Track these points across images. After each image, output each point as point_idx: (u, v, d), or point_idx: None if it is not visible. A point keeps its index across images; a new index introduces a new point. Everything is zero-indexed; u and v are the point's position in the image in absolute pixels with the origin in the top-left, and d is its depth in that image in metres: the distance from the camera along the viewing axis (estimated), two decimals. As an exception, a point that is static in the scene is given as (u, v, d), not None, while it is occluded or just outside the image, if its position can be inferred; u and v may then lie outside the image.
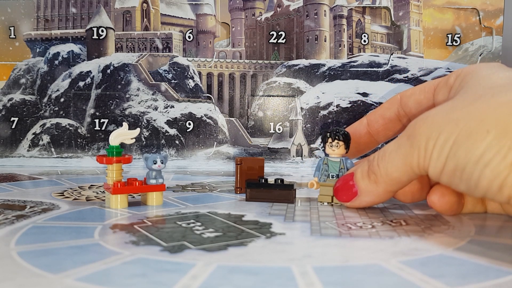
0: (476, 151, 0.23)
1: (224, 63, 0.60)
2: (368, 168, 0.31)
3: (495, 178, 0.23)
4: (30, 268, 0.21)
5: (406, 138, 0.27)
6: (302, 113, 0.59)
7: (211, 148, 0.59)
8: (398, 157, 0.28)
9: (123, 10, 0.60)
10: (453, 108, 0.26)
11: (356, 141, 0.37)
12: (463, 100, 0.26)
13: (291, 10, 0.60)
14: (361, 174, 0.31)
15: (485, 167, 0.23)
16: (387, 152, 0.29)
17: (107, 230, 0.28)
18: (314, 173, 0.36)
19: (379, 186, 0.30)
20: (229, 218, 0.31)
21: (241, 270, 0.21)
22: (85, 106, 0.60)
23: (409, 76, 0.58)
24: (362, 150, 0.38)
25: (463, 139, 0.24)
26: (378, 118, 0.37)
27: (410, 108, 0.35)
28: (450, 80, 0.31)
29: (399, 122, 0.36)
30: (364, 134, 0.37)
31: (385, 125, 0.37)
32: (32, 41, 0.60)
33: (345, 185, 0.32)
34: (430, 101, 0.33)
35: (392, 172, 0.29)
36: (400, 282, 0.20)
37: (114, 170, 0.34)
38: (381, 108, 0.37)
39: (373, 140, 0.38)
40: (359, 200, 0.32)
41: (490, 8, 0.57)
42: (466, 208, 0.32)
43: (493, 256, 0.23)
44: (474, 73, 0.29)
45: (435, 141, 0.25)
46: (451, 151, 0.24)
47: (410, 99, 0.35)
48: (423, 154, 0.26)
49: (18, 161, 0.59)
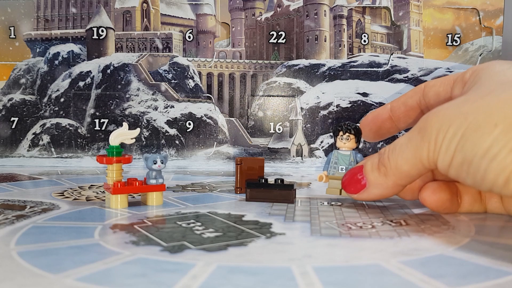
0: (483, 144, 0.23)
1: (224, 63, 0.60)
2: (378, 160, 0.31)
3: (502, 171, 0.23)
4: (30, 268, 0.21)
5: (417, 131, 0.28)
6: (302, 113, 0.59)
7: (211, 148, 0.59)
8: (409, 150, 0.28)
9: (123, 10, 0.60)
10: (464, 102, 0.26)
11: (378, 125, 0.38)
12: (475, 95, 0.26)
13: (291, 10, 0.60)
14: (371, 166, 0.31)
15: (492, 160, 0.23)
16: (397, 145, 0.29)
17: (107, 230, 0.28)
18: (324, 167, 0.37)
19: (389, 179, 0.30)
20: (229, 218, 0.31)
21: (241, 270, 0.21)
22: (85, 106, 0.60)
23: (409, 76, 0.58)
24: (383, 135, 0.39)
25: (471, 132, 0.24)
26: (401, 105, 0.37)
27: (429, 99, 0.35)
28: (466, 75, 0.31)
29: (420, 111, 0.36)
30: (387, 119, 0.38)
31: (407, 112, 0.37)
32: (32, 41, 0.60)
33: (352, 178, 0.33)
34: (448, 94, 0.33)
35: (402, 165, 0.29)
36: (400, 282, 0.20)
37: (114, 170, 0.34)
38: (405, 96, 0.37)
39: (394, 126, 0.38)
40: (367, 192, 0.32)
41: (490, 8, 0.57)
42: (463, 207, 0.32)
43: (493, 256, 0.23)
44: (487, 69, 0.29)
45: (444, 134, 0.25)
46: (459, 144, 0.25)
47: (431, 90, 0.35)
48: (433, 147, 0.26)
49: (18, 161, 0.59)
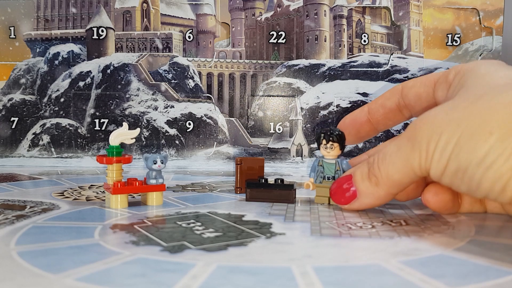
0: (479, 152, 0.23)
1: (224, 63, 0.60)
2: (368, 170, 0.30)
3: (498, 180, 0.22)
4: (30, 268, 0.21)
5: (407, 139, 0.27)
6: (302, 113, 0.59)
7: (211, 148, 0.59)
8: (399, 159, 0.28)
9: (123, 10, 0.60)
10: (454, 108, 0.25)
11: (356, 129, 0.37)
12: (464, 100, 0.26)
13: (291, 10, 0.60)
14: (361, 176, 0.31)
15: (488, 169, 0.23)
16: (387, 154, 0.29)
17: (107, 230, 0.28)
18: (310, 174, 0.36)
19: (380, 189, 0.30)
20: (229, 218, 0.31)
21: (241, 270, 0.21)
22: (85, 106, 0.60)
23: (409, 76, 0.58)
24: (362, 138, 0.37)
25: (465, 140, 0.24)
26: (379, 107, 0.36)
27: (410, 100, 0.34)
28: (449, 76, 0.31)
29: (399, 112, 0.35)
30: (365, 122, 0.36)
31: (385, 114, 0.36)
32: (32, 41, 0.60)
33: (339, 188, 0.32)
34: (430, 95, 0.33)
35: (393, 174, 0.28)
36: (400, 282, 0.20)
37: (114, 170, 0.33)
38: (382, 98, 0.36)
39: (373, 129, 0.37)
40: (358, 203, 0.32)
41: (490, 8, 0.57)
42: (464, 207, 0.32)
43: (493, 256, 0.23)
44: (473, 71, 0.29)
45: (436, 143, 0.25)
46: (453, 152, 0.24)
47: (410, 90, 0.34)
48: (425, 156, 0.26)
49: (18, 161, 0.59)
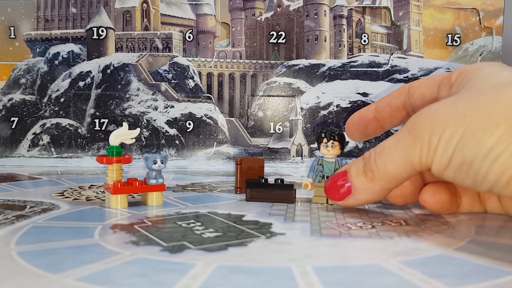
0: (485, 145, 0.23)
1: (224, 63, 0.60)
2: (364, 165, 0.30)
3: (504, 172, 0.22)
4: (30, 268, 0.21)
5: (407, 132, 0.27)
6: (302, 113, 0.59)
7: (211, 148, 0.59)
8: (398, 152, 0.27)
9: (123, 10, 0.60)
10: (457, 102, 0.25)
11: (363, 126, 0.36)
12: (467, 95, 0.26)
13: (291, 10, 0.60)
14: (356, 171, 0.30)
15: (494, 161, 0.23)
16: (385, 148, 0.28)
17: (107, 230, 0.28)
18: (308, 174, 0.36)
19: (376, 184, 0.29)
20: (229, 218, 0.31)
21: (241, 270, 0.21)
22: (85, 106, 0.60)
23: (409, 76, 0.58)
24: (368, 135, 0.37)
25: (470, 133, 0.24)
26: (385, 106, 0.36)
27: (415, 100, 0.34)
28: (452, 77, 0.31)
29: (405, 111, 0.35)
30: (372, 120, 0.36)
31: (392, 113, 0.36)
32: (32, 41, 0.60)
33: (333, 184, 0.31)
34: (434, 95, 0.33)
35: (391, 168, 0.28)
36: (400, 282, 0.20)
37: (114, 170, 0.34)
38: (389, 96, 0.36)
39: (380, 126, 0.37)
40: (353, 199, 0.31)
41: (490, 8, 0.57)
42: (463, 207, 0.32)
43: (493, 256, 0.23)
44: (476, 72, 0.28)
45: (439, 136, 0.25)
46: (457, 146, 0.24)
47: (416, 90, 0.34)
48: (426, 149, 0.25)
49: (18, 161, 0.59)
